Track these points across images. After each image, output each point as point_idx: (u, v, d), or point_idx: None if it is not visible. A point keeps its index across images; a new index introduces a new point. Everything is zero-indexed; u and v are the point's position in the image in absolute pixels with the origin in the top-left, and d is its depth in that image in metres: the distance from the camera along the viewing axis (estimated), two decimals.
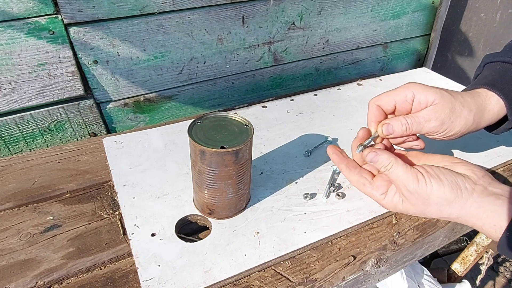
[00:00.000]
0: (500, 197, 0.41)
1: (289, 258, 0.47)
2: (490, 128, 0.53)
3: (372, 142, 0.50)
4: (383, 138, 0.51)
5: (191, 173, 0.49)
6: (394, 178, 0.44)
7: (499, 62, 0.52)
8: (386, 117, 0.51)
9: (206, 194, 0.48)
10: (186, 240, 0.47)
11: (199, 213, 0.51)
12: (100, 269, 0.46)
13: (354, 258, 0.47)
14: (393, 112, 0.51)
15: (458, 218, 0.43)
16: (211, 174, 0.45)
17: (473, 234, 0.83)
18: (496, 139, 0.68)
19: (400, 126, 0.47)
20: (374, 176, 0.49)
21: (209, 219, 0.50)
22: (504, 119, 0.50)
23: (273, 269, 0.45)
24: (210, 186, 0.46)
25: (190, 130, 0.45)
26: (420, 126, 0.47)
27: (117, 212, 0.53)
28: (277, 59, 0.86)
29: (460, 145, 0.65)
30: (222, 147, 0.43)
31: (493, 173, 0.62)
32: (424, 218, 0.50)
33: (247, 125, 0.47)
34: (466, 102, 0.47)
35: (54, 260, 0.46)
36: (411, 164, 0.49)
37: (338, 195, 0.54)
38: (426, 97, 0.47)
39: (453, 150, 0.64)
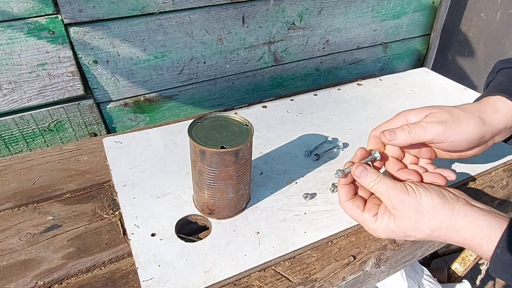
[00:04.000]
0: (483, 210, 0.41)
1: (289, 258, 0.47)
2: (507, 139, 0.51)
3: (371, 159, 0.49)
4: (383, 161, 0.49)
5: (191, 173, 0.49)
6: (383, 191, 0.43)
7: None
8: (384, 148, 0.50)
9: (206, 194, 0.48)
10: (186, 240, 0.47)
11: (199, 213, 0.51)
12: (100, 269, 0.46)
13: (354, 258, 0.47)
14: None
15: (448, 229, 0.41)
16: (211, 174, 0.45)
17: None
18: None
19: (402, 130, 0.46)
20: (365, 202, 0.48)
21: (209, 219, 0.50)
22: None
23: (273, 269, 0.45)
24: (210, 186, 0.46)
25: (190, 130, 0.45)
26: (423, 129, 0.45)
27: (117, 212, 0.53)
28: (277, 59, 0.86)
29: None
30: (222, 147, 0.43)
31: (493, 173, 0.62)
32: (413, 240, 0.49)
33: (247, 125, 0.47)
34: (463, 108, 0.47)
35: (54, 260, 0.46)
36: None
37: None
38: (418, 115, 0.47)
39: None
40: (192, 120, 0.47)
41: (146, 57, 0.71)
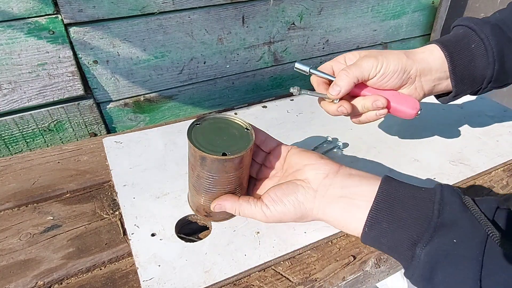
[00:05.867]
0: (340, 199, 0.43)
1: (289, 258, 0.47)
2: (439, 97, 0.56)
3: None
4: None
5: (188, 175, 0.48)
6: (248, 217, 0.46)
7: (464, 26, 0.52)
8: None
9: (202, 198, 0.47)
10: (186, 240, 0.47)
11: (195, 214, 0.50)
12: (100, 269, 0.46)
13: (354, 258, 0.47)
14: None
15: (313, 220, 0.46)
16: (210, 179, 0.44)
17: None
18: (496, 139, 0.68)
19: (340, 77, 0.50)
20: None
21: (208, 220, 0.50)
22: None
23: (273, 269, 0.45)
24: (208, 191, 0.46)
25: (189, 133, 0.44)
26: (358, 66, 0.49)
27: (117, 212, 0.53)
28: (277, 59, 0.86)
29: (460, 145, 0.65)
30: (224, 154, 0.42)
31: (493, 173, 0.62)
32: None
33: (247, 129, 0.46)
34: (390, 50, 0.52)
35: (54, 260, 0.46)
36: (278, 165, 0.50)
37: None
38: (354, 55, 0.52)
39: (452, 151, 0.64)
40: (191, 122, 0.45)
41: (146, 57, 0.71)
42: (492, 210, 0.38)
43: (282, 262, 0.46)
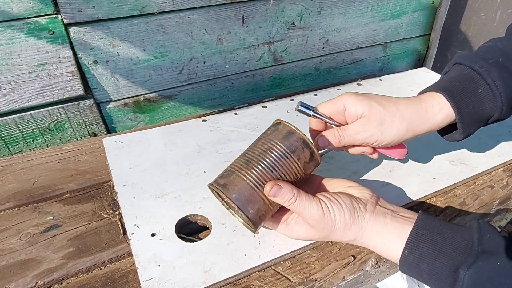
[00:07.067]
0: (387, 215, 0.43)
1: (289, 258, 0.47)
2: (444, 133, 0.53)
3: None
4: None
5: (245, 151, 0.45)
6: (299, 211, 0.43)
7: (467, 67, 0.50)
8: (326, 127, 0.51)
9: (254, 172, 0.42)
10: (186, 240, 0.47)
11: (215, 186, 0.44)
12: (100, 269, 0.46)
13: (354, 258, 0.47)
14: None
15: (356, 240, 0.44)
16: (280, 157, 0.42)
17: None
18: (496, 139, 0.68)
19: (333, 138, 0.49)
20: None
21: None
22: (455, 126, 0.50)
23: (273, 269, 0.45)
24: (267, 168, 0.42)
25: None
26: (351, 138, 0.48)
27: (117, 212, 0.53)
28: (277, 59, 0.86)
29: (460, 145, 0.65)
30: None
31: (493, 173, 0.62)
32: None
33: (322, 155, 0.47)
34: (398, 111, 0.47)
35: (54, 260, 0.46)
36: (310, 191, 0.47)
37: None
38: (356, 110, 0.48)
39: (452, 150, 0.65)
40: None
41: (146, 57, 0.71)
42: None
43: (282, 262, 0.46)
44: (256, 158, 0.43)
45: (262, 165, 0.43)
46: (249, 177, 0.43)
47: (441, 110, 0.48)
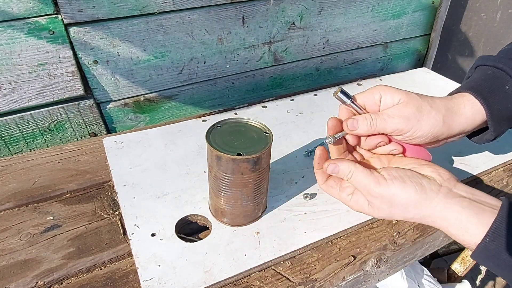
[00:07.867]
0: (465, 199, 0.41)
1: (289, 258, 0.47)
2: (472, 135, 0.52)
3: (344, 134, 0.48)
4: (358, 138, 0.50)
5: (208, 178, 0.48)
6: (356, 185, 0.43)
7: (491, 67, 0.50)
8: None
9: (222, 200, 0.47)
10: (186, 240, 0.47)
11: (214, 218, 0.50)
12: (100, 269, 0.46)
13: (354, 258, 0.47)
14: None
15: (424, 218, 0.42)
16: (226, 180, 0.44)
17: None
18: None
19: (364, 121, 0.46)
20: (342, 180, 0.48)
21: (221, 224, 0.50)
22: (486, 128, 0.49)
23: (273, 269, 0.45)
24: (226, 192, 0.46)
25: (208, 134, 0.45)
26: (384, 122, 0.45)
27: (117, 212, 0.53)
28: (277, 59, 0.86)
29: (460, 145, 0.65)
30: (239, 154, 0.42)
31: (493, 173, 0.62)
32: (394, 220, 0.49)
33: (266, 133, 0.46)
34: (434, 103, 0.46)
35: (54, 260, 0.46)
36: (374, 168, 0.47)
37: None
38: (392, 97, 0.46)
39: (452, 151, 0.64)
40: (212, 124, 0.46)
41: (146, 57, 0.71)
42: None
43: (282, 262, 0.46)
44: (216, 188, 0.47)
45: (221, 191, 0.46)
46: (224, 202, 0.48)
47: (472, 107, 0.47)
